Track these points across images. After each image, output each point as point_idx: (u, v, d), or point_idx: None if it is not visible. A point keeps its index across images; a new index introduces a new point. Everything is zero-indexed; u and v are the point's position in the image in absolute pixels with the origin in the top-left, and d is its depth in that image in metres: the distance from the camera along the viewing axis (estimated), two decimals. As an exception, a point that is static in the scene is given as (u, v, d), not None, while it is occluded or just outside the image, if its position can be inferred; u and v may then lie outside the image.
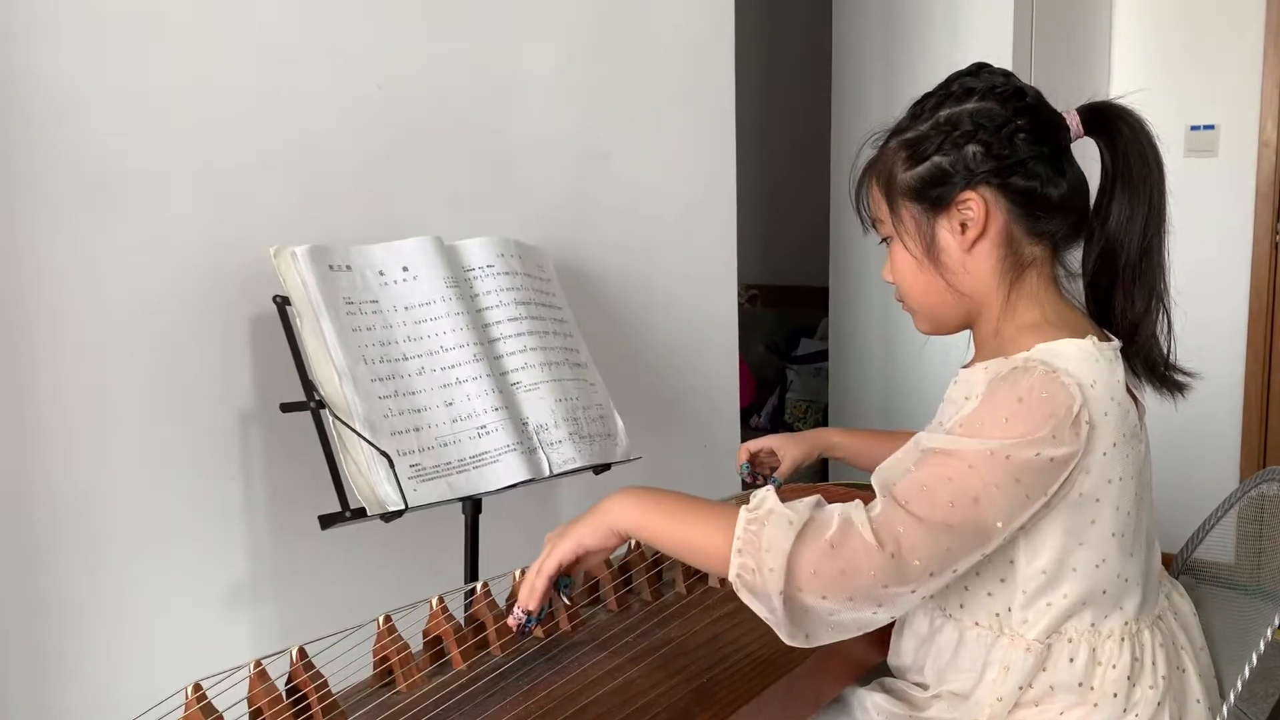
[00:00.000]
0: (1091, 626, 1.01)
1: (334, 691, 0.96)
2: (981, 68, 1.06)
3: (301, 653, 0.96)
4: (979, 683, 1.03)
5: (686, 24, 2.02)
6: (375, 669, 1.02)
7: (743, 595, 0.93)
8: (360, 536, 1.44)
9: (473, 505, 1.40)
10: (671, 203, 2.02)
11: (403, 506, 1.27)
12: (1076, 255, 1.08)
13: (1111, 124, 1.04)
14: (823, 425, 3.66)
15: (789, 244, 3.94)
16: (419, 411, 1.35)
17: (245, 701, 0.92)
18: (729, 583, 0.94)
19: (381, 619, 1.02)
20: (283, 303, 1.33)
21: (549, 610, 1.08)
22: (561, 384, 1.48)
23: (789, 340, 4.08)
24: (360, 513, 1.25)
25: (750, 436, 1.55)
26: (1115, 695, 1.01)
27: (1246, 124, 3.04)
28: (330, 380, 1.30)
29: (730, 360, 2.18)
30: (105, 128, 1.29)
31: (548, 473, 1.41)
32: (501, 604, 1.11)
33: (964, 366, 1.08)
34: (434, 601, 1.07)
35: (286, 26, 1.45)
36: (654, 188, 1.99)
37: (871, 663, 1.18)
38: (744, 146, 2.19)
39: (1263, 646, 1.09)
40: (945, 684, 1.07)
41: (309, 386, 1.29)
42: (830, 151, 3.06)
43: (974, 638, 1.04)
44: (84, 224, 1.28)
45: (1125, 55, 3.18)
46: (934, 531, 0.91)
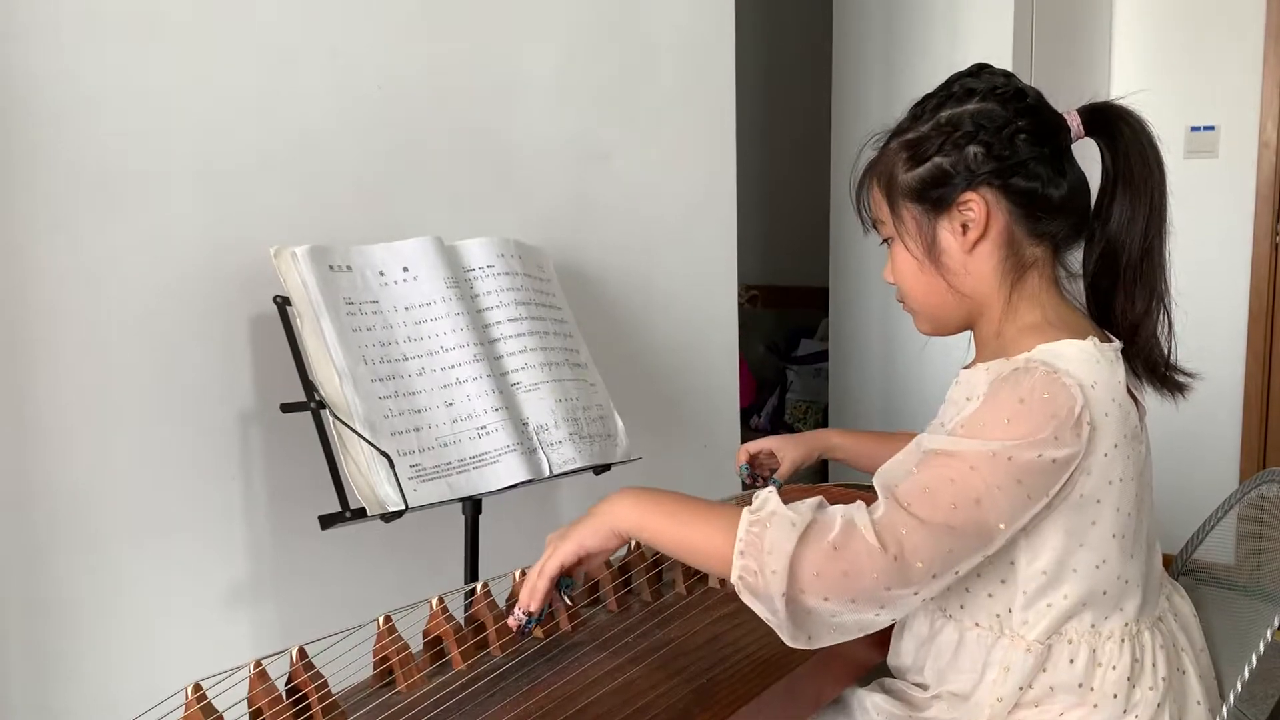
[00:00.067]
0: (1092, 627, 1.02)
1: (334, 692, 0.96)
2: (982, 69, 1.06)
3: (301, 653, 0.96)
4: (979, 683, 1.03)
5: (686, 24, 2.02)
6: (375, 669, 1.02)
7: (745, 597, 0.93)
8: (360, 537, 1.44)
9: (473, 505, 1.40)
10: (671, 203, 2.02)
11: (403, 507, 1.27)
12: (1077, 256, 1.08)
13: (1112, 125, 1.04)
14: (823, 425, 3.67)
15: (789, 244, 3.94)
16: (419, 412, 1.35)
17: (245, 702, 0.92)
18: (729, 583, 0.94)
19: (381, 619, 1.02)
20: (283, 303, 1.33)
21: (549, 610, 1.08)
22: (561, 384, 1.48)
23: (789, 341, 4.08)
24: (360, 513, 1.25)
25: (750, 437, 1.55)
26: (1115, 696, 1.01)
27: (1246, 125, 3.04)
28: (330, 380, 1.30)
29: (730, 360, 2.18)
30: (105, 128, 1.29)
31: (548, 473, 1.41)
32: (501, 604, 1.11)
33: (965, 367, 1.09)
34: (434, 602, 1.06)
35: (286, 26, 1.45)
36: (654, 188, 1.99)
37: (871, 663, 1.18)
38: (744, 146, 2.19)
39: (1262, 648, 1.09)
40: (945, 684, 1.07)
41: (309, 387, 1.29)
42: (830, 152, 3.06)
43: (974, 638, 1.04)
44: (84, 224, 1.28)
45: (1125, 56, 3.18)
46: (936, 533, 0.91)
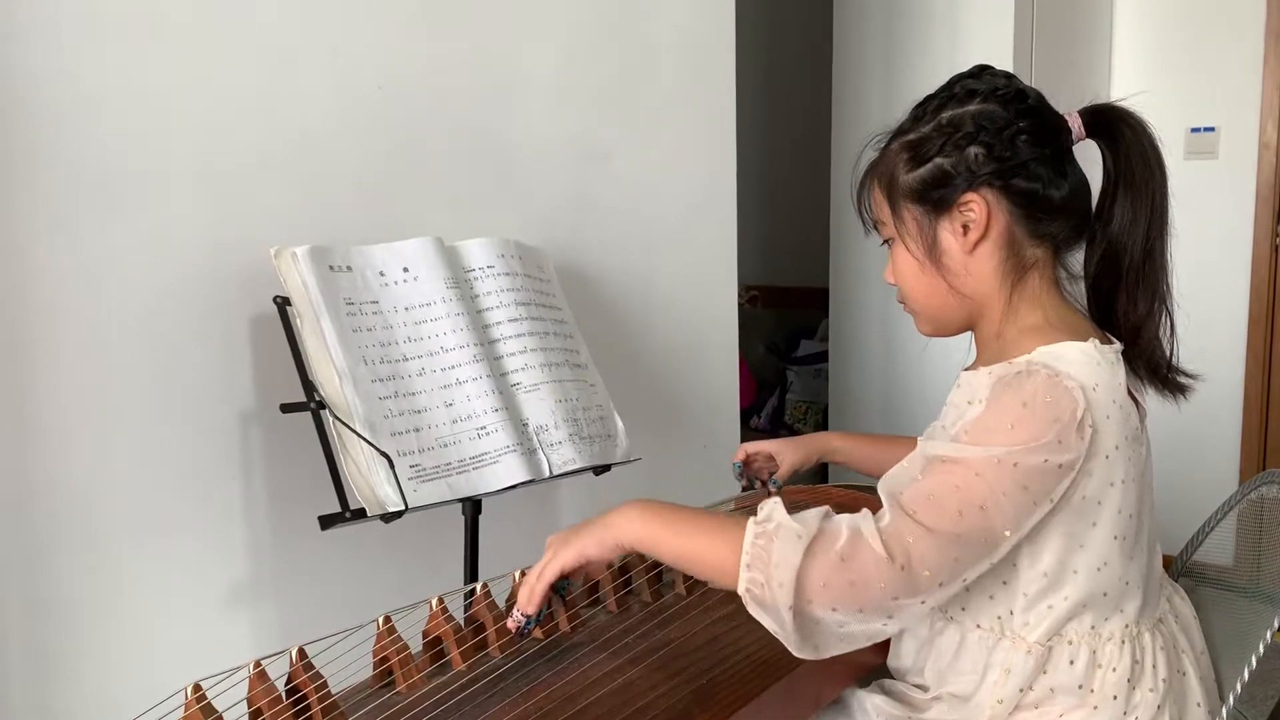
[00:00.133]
0: (1092, 629, 1.01)
1: (334, 692, 0.96)
2: (983, 70, 1.06)
3: (301, 653, 0.96)
4: (980, 685, 1.03)
5: (686, 24, 2.01)
6: (375, 669, 1.02)
7: (752, 609, 0.92)
8: (360, 537, 1.44)
9: (473, 506, 1.40)
10: (671, 203, 2.02)
11: (403, 507, 1.27)
12: (1078, 258, 1.08)
13: (1113, 126, 1.04)
14: (823, 426, 3.67)
15: (789, 245, 3.94)
16: (419, 412, 1.35)
17: (245, 702, 0.92)
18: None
19: (381, 619, 1.02)
20: (283, 303, 1.33)
21: (548, 612, 1.08)
22: (561, 385, 1.48)
23: (789, 341, 4.08)
24: (360, 513, 1.25)
25: (750, 437, 1.55)
26: (1115, 698, 1.01)
27: (1247, 126, 3.04)
28: (330, 381, 1.30)
29: (730, 361, 2.18)
30: (105, 128, 1.29)
31: (548, 474, 1.41)
32: (501, 605, 1.11)
33: (965, 369, 1.08)
34: (434, 602, 1.06)
35: (286, 26, 1.45)
36: (654, 188, 1.99)
37: (872, 664, 1.17)
38: (744, 146, 2.19)
39: (1262, 649, 1.09)
40: (946, 686, 1.07)
41: (309, 387, 1.29)
42: (830, 152, 3.06)
43: (975, 640, 1.04)
44: (84, 224, 1.28)
45: (1125, 57, 3.18)
46: (943, 541, 0.90)
